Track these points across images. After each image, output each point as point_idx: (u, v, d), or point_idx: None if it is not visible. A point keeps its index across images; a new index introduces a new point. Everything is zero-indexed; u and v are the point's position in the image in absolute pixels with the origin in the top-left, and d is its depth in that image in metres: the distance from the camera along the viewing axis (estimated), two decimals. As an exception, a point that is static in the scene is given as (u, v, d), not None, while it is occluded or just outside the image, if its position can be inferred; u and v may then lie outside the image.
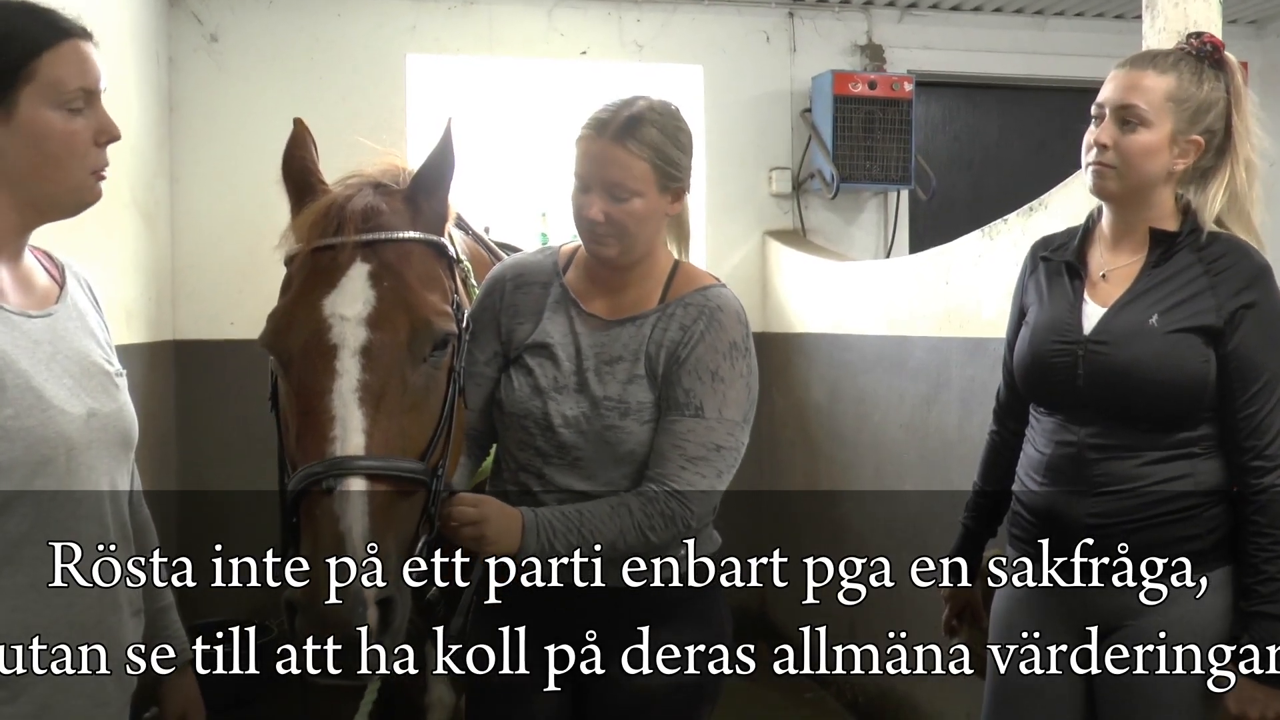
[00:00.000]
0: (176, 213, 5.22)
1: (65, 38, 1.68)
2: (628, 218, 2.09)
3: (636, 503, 2.05)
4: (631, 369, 2.13)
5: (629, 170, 2.07)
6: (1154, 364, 2.13)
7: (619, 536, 2.03)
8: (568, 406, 2.14)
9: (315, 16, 5.36)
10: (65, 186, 1.70)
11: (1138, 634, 2.17)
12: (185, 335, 5.13)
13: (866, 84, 5.60)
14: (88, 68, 1.70)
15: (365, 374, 1.85)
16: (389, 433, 1.85)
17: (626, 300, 2.20)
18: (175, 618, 2.08)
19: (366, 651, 1.70)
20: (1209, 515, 2.16)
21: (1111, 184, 2.21)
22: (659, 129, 2.10)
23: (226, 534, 5.24)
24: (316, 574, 1.71)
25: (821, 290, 5.20)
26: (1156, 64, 2.19)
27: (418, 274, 1.99)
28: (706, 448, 2.08)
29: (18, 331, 1.66)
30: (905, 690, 4.33)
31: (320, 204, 2.01)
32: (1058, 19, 6.19)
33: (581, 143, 2.11)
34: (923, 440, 4.16)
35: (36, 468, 1.62)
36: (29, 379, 1.63)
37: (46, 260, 1.85)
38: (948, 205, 6.14)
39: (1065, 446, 2.24)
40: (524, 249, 4.04)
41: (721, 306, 2.17)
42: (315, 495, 1.78)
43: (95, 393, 1.75)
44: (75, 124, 1.68)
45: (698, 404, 2.09)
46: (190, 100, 5.24)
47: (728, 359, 2.13)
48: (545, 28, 5.61)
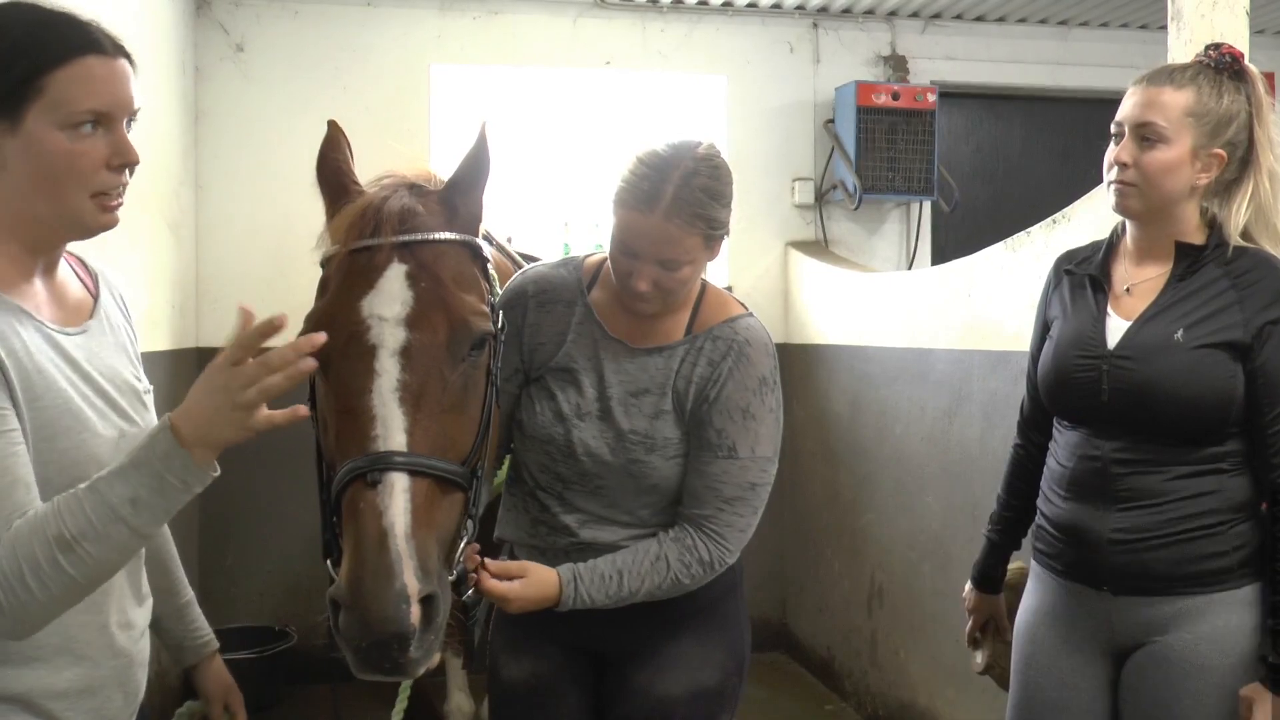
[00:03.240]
0: (201, 221, 5.26)
1: (80, 54, 1.60)
2: (676, 284, 2.09)
3: (674, 552, 2.08)
4: (658, 403, 2.13)
5: (680, 245, 2.04)
6: (1179, 379, 2.12)
7: (656, 589, 2.08)
8: (590, 435, 2.13)
9: (340, 26, 5.39)
10: (63, 208, 1.62)
11: (1163, 650, 2.15)
12: (209, 343, 5.17)
13: (890, 95, 5.59)
14: (105, 87, 1.61)
15: (405, 374, 1.85)
16: (430, 432, 1.85)
17: (654, 327, 2.18)
18: (198, 612, 2.10)
19: (412, 646, 1.70)
20: (1236, 531, 2.13)
21: (1134, 202, 2.19)
22: (706, 193, 2.03)
23: (247, 541, 5.28)
24: (360, 569, 1.70)
25: (843, 301, 5.19)
26: (1174, 79, 2.17)
27: (454, 274, 1.98)
28: (742, 487, 2.11)
29: (56, 350, 1.64)
30: (926, 703, 4.30)
31: (357, 205, 2.01)
32: (1081, 29, 6.17)
33: (628, 215, 2.04)
34: (944, 453, 4.14)
35: (66, 489, 1.57)
36: (68, 401, 1.61)
37: (80, 269, 1.83)
38: (970, 216, 6.12)
39: (1090, 461, 2.22)
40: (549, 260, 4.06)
41: (750, 340, 2.16)
42: (358, 489, 1.77)
43: (125, 412, 1.74)
44: (82, 145, 1.59)
45: (730, 444, 2.10)
46: (216, 109, 5.27)
47: (758, 395, 2.13)
48: (569, 37, 5.63)
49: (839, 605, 5.15)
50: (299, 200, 2.14)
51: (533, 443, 2.18)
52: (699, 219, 2.02)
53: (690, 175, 2.02)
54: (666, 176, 2.01)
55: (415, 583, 1.70)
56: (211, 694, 2.10)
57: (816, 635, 5.43)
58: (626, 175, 2.05)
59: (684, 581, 2.09)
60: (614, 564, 2.07)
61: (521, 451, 2.23)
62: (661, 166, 2.03)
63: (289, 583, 5.12)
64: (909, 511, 4.43)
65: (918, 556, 4.37)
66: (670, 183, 2.01)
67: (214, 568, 5.17)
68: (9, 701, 1.59)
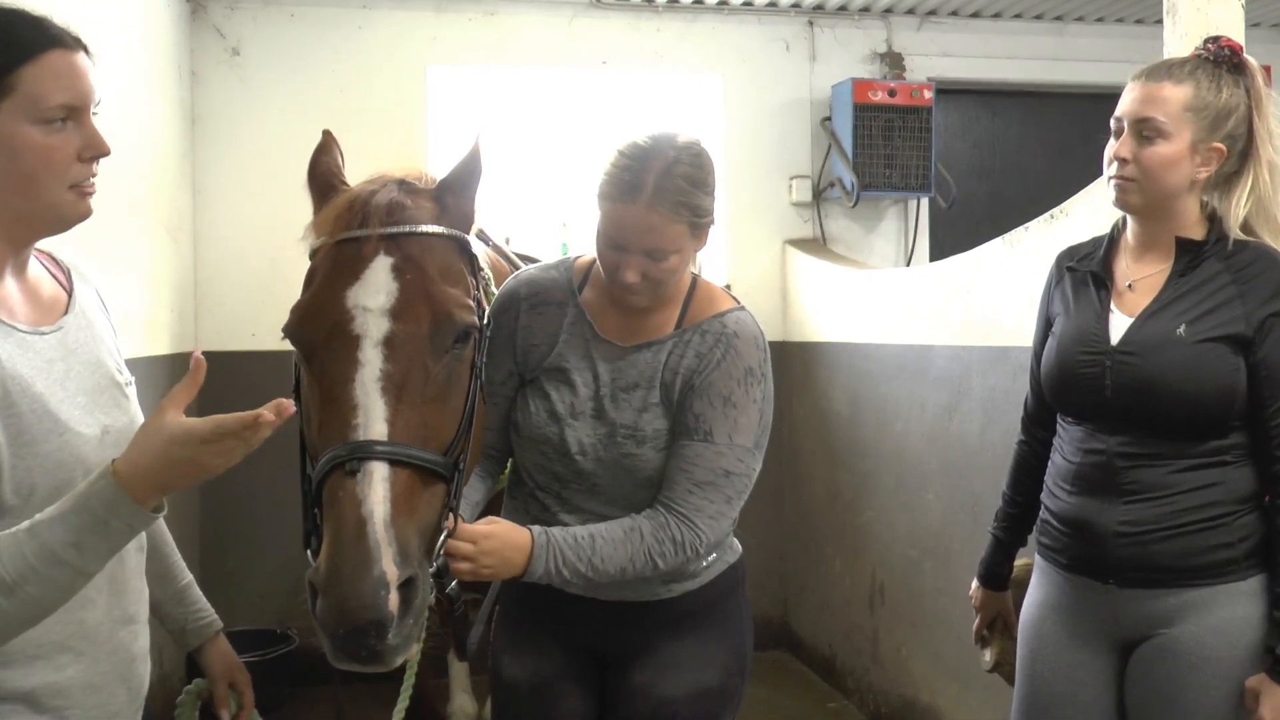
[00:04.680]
0: (198, 225, 5.25)
1: (47, 49, 1.62)
2: (664, 274, 2.08)
3: (648, 527, 2.05)
4: (646, 396, 2.13)
5: (665, 234, 2.03)
6: (1182, 374, 2.12)
7: (629, 562, 2.03)
8: (584, 433, 2.13)
9: (337, 29, 5.39)
10: (42, 203, 1.64)
11: (1169, 643, 2.15)
12: (207, 347, 5.13)
13: (886, 92, 5.60)
14: (71, 81, 1.63)
15: (388, 364, 1.87)
16: (411, 422, 1.86)
17: (644, 323, 2.19)
18: (198, 593, 2.10)
19: (390, 634, 1.69)
20: (1240, 523, 2.14)
21: (1134, 197, 2.20)
22: (688, 181, 2.04)
23: (247, 544, 5.28)
24: (338, 555, 1.71)
25: (842, 299, 5.19)
26: (1173, 74, 2.17)
27: (440, 268, 2.00)
28: (715, 473, 2.08)
29: (31, 352, 1.64)
30: (929, 700, 4.30)
31: (344, 198, 2.03)
32: (1077, 24, 6.17)
33: (612, 208, 2.05)
34: (944, 449, 4.14)
35: (54, 491, 1.59)
36: (45, 402, 1.61)
37: (52, 265, 1.83)
38: (968, 213, 6.12)
39: (1094, 455, 2.23)
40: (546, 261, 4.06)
41: (739, 333, 2.15)
42: (338, 477, 1.78)
43: (108, 408, 1.74)
44: (55, 139, 1.61)
45: (707, 429, 2.08)
46: (212, 113, 5.27)
47: (742, 385, 2.11)
48: (565, 37, 5.63)
49: (840, 603, 5.15)
50: (296, 203, 2.15)
51: (529, 443, 2.19)
52: (682, 207, 2.02)
53: (672, 164, 2.03)
54: (648, 167, 2.02)
55: (394, 569, 1.70)
56: (216, 673, 2.09)
57: (818, 633, 5.43)
58: (608, 168, 2.07)
59: (657, 561, 2.04)
60: (587, 529, 2.04)
61: (519, 453, 2.23)
62: (642, 157, 2.03)
63: (290, 585, 5.10)
64: (909, 509, 4.43)
65: (918, 554, 4.37)
66: (651, 173, 2.01)
67: (215, 571, 5.16)
68: (13, 700, 1.60)
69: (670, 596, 2.18)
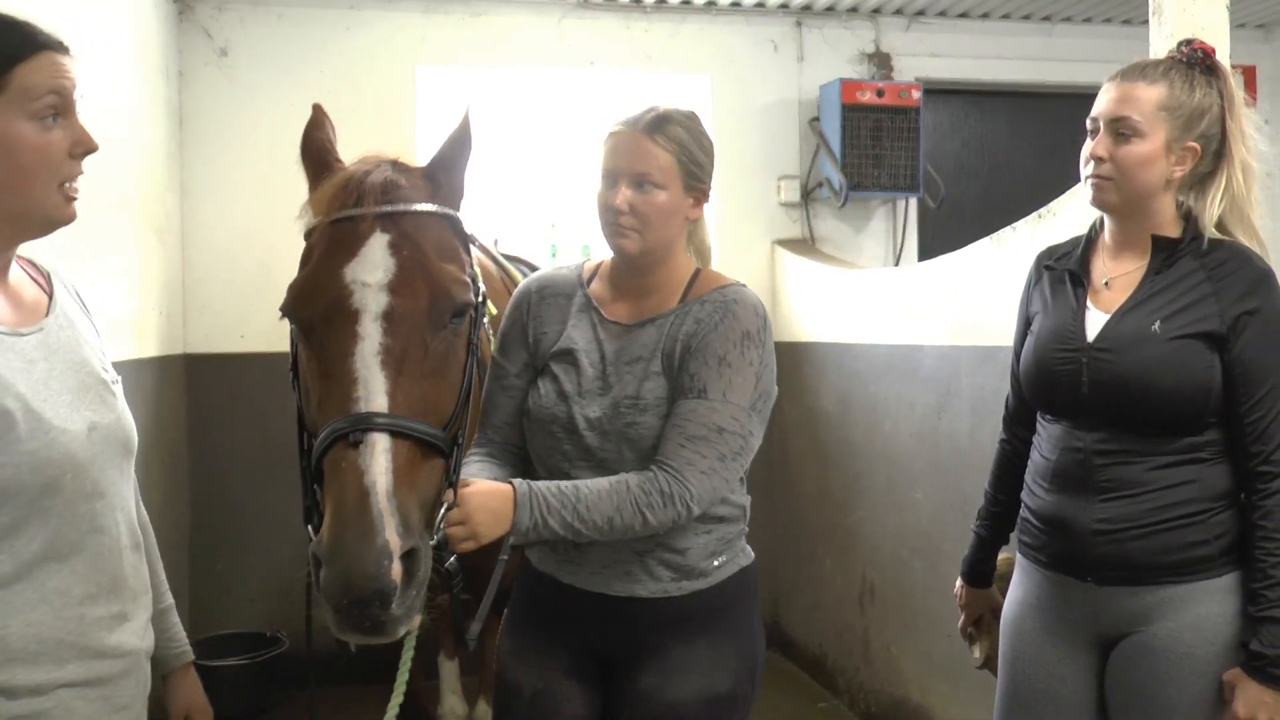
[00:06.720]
0: (187, 226, 5.25)
1: (39, 50, 1.68)
2: (651, 209, 2.12)
3: (635, 480, 2.03)
4: (648, 366, 2.14)
5: (656, 161, 2.12)
6: (1157, 370, 2.14)
7: (615, 513, 2.00)
8: (591, 410, 2.14)
9: (325, 30, 5.39)
10: (34, 201, 1.68)
11: (1148, 640, 2.16)
12: (196, 349, 5.15)
13: (874, 92, 5.61)
14: (62, 81, 1.69)
15: (387, 338, 1.90)
16: (411, 395, 1.89)
17: (647, 305, 2.22)
18: (175, 619, 2.09)
19: (393, 603, 1.70)
20: (1217, 520, 2.15)
21: (1110, 195, 2.22)
22: (685, 130, 2.17)
23: (237, 547, 5.27)
24: (341, 525, 1.71)
25: (831, 299, 5.20)
26: (1147, 74, 2.21)
27: (436, 245, 2.04)
28: (707, 428, 2.06)
29: (13, 352, 1.66)
30: (919, 699, 4.31)
31: (339, 178, 2.07)
32: (1065, 25, 6.19)
33: (611, 138, 2.18)
34: (934, 448, 4.15)
35: (44, 490, 1.63)
36: (28, 402, 1.63)
37: (32, 269, 1.85)
38: (957, 213, 6.14)
39: (1072, 453, 2.24)
40: (533, 261, 4.08)
41: (738, 299, 2.18)
42: (340, 449, 1.80)
43: (93, 404, 1.76)
44: (49, 136, 1.67)
45: (701, 386, 2.08)
46: (200, 114, 5.26)
47: (738, 347, 2.12)
48: (554, 38, 5.63)
49: (831, 603, 5.16)
50: (285, 203, 2.16)
51: (539, 425, 2.20)
52: (673, 141, 2.14)
53: (671, 111, 2.19)
54: (648, 109, 2.18)
55: (396, 539, 1.72)
56: (175, 708, 2.07)
57: (809, 633, 5.44)
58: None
59: (645, 513, 2.00)
60: (572, 482, 2.04)
61: (530, 439, 2.24)
62: (645, 107, 2.20)
63: (280, 588, 5.10)
64: (899, 508, 4.44)
65: (908, 553, 4.38)
66: (652, 111, 2.17)
67: (205, 574, 5.15)
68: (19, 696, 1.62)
69: (680, 595, 2.16)
